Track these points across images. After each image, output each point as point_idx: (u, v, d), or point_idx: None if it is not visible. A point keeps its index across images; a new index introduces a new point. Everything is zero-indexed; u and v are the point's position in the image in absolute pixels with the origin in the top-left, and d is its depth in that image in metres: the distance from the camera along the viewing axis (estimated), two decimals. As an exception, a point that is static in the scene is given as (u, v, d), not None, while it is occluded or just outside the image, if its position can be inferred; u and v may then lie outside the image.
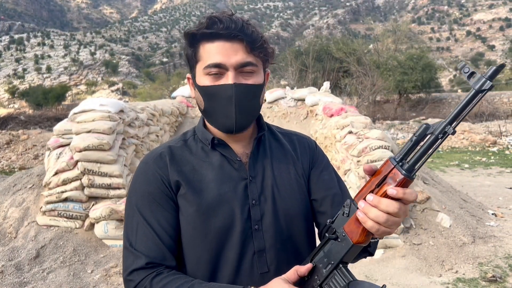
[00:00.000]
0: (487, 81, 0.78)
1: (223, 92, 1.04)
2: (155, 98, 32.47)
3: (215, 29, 1.02)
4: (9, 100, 79.69)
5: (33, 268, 4.35)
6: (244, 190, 1.09)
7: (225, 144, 1.13)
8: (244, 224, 1.07)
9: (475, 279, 4.15)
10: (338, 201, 1.16)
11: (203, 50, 1.06)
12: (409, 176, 0.82)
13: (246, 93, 1.06)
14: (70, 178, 4.91)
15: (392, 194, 0.82)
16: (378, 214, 0.82)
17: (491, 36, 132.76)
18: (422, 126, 0.82)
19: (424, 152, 0.82)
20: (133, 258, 1.03)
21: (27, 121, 19.06)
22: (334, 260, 0.90)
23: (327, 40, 36.09)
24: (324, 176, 1.21)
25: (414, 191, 0.83)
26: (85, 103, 5.79)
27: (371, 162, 5.43)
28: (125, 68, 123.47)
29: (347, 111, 7.35)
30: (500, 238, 5.11)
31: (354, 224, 0.87)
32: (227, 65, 1.04)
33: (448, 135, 0.80)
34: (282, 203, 1.12)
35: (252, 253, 1.07)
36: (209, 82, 1.06)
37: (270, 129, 1.24)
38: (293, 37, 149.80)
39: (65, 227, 4.88)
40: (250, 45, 1.04)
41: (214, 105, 1.07)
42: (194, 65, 1.09)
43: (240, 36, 1.03)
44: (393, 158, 0.85)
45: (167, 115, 8.41)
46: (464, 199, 6.30)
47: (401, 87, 29.07)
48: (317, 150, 1.27)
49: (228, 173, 1.11)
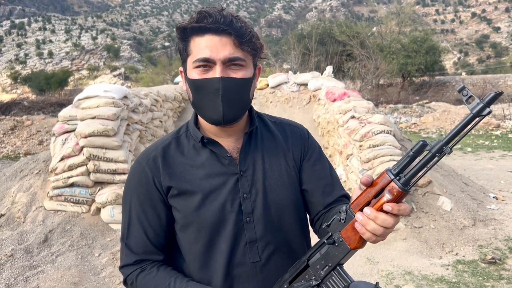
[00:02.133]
0: (485, 107, 0.80)
1: (210, 85, 1.06)
2: (157, 83, 32.44)
3: (204, 23, 1.04)
4: (11, 86, 79.75)
5: (42, 251, 4.46)
6: (234, 185, 1.13)
7: (214, 141, 1.16)
8: (235, 217, 1.11)
9: (474, 261, 4.23)
10: (329, 191, 1.22)
11: (193, 44, 1.08)
12: (406, 190, 0.86)
13: (233, 86, 1.08)
14: (76, 164, 4.98)
15: (388, 210, 0.86)
16: (375, 228, 0.88)
17: (496, 18, 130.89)
18: (419, 143, 0.85)
19: (420, 168, 0.86)
20: (125, 253, 1.16)
21: (31, 107, 19.08)
22: (332, 262, 0.95)
23: (330, 23, 35.72)
24: (316, 166, 1.24)
25: (408, 206, 0.88)
26: (89, 89, 5.83)
27: (374, 146, 5.47)
28: (126, 52, 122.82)
29: (350, 96, 7.35)
30: (500, 221, 5.18)
31: (351, 231, 0.92)
32: (214, 59, 1.05)
33: (444, 154, 0.84)
34: (273, 196, 1.16)
35: (244, 244, 1.12)
36: (198, 76, 1.08)
37: (262, 120, 1.26)
38: (296, 20, 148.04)
39: (72, 211, 4.97)
40: (238, 39, 1.06)
41: (201, 98, 1.09)
42: (186, 59, 1.12)
43: (229, 30, 1.05)
44: (390, 171, 0.88)
45: (170, 101, 8.45)
46: (465, 182, 6.35)
47: (404, 70, 28.88)
48: (310, 140, 1.29)
49: (219, 170, 1.14)
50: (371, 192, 0.90)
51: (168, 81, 31.14)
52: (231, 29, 1.05)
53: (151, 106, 7.04)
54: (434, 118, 17.44)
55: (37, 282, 3.89)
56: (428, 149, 0.85)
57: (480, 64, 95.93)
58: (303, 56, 25.98)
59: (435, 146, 0.84)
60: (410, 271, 4.08)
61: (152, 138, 6.57)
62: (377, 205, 0.88)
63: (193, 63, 1.08)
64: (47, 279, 3.94)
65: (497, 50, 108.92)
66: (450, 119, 17.19)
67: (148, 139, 6.38)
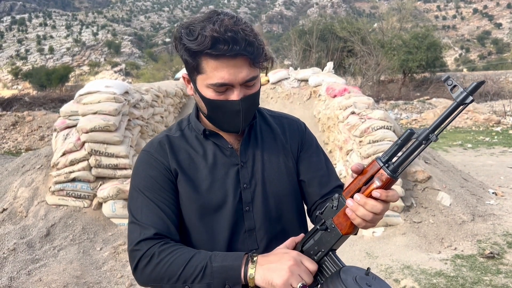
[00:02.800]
0: (468, 96, 0.84)
1: (230, 107, 1.10)
2: (158, 78, 32.41)
3: (219, 51, 1.01)
4: (12, 81, 79.78)
5: (44, 245, 4.50)
6: (236, 175, 1.18)
7: (216, 134, 1.20)
8: (235, 206, 1.16)
9: (473, 256, 4.26)
10: (325, 182, 1.26)
11: (207, 65, 1.05)
12: (394, 176, 0.90)
13: (250, 103, 1.13)
14: (78, 159, 5.02)
15: (376, 196, 0.90)
16: (365, 213, 0.91)
17: (498, 14, 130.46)
18: (407, 132, 0.89)
19: (408, 156, 0.90)
20: (140, 230, 1.08)
21: (32, 103, 19.13)
22: (325, 248, 0.98)
23: (331, 19, 35.69)
24: (313, 158, 1.29)
25: (396, 193, 0.92)
26: (90, 85, 5.85)
27: (373, 142, 5.49)
28: (127, 48, 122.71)
29: (350, 92, 7.37)
30: (499, 216, 5.21)
31: (343, 217, 0.95)
32: (233, 83, 1.06)
33: (430, 141, 0.87)
34: (272, 186, 1.20)
35: (243, 232, 1.17)
36: (215, 96, 1.09)
37: (261, 114, 1.31)
38: (297, 16, 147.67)
39: (74, 206, 5.01)
40: (253, 60, 1.07)
41: (220, 116, 1.13)
42: (195, 74, 1.10)
43: (245, 54, 1.04)
44: (379, 159, 0.92)
45: (171, 96, 8.47)
46: (465, 178, 6.37)
47: (405, 66, 28.83)
48: (307, 133, 1.34)
49: (221, 160, 1.19)
50: (361, 179, 0.94)
51: (169, 77, 31.13)
52: (247, 54, 1.04)
53: (152, 102, 7.07)
54: (435, 114, 17.44)
55: (39, 276, 3.93)
56: (415, 137, 0.88)
57: (481, 60, 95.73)
58: (304, 52, 25.98)
59: (422, 134, 0.87)
60: (409, 265, 4.12)
61: (153, 134, 6.60)
62: (367, 191, 0.92)
63: (208, 83, 1.07)
64: (49, 272, 3.99)
65: (499, 46, 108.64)
66: (451, 115, 17.18)
67: (149, 135, 6.41)
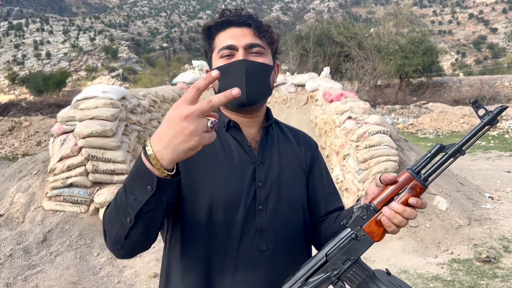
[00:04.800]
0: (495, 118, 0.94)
1: (234, 68, 1.15)
2: (155, 83, 32.41)
3: (226, 17, 1.17)
4: (9, 87, 79.58)
5: (41, 251, 4.49)
6: (252, 173, 1.17)
7: (238, 128, 1.22)
8: (249, 203, 1.14)
9: (469, 260, 4.28)
10: (330, 200, 1.31)
11: (218, 39, 1.19)
12: (426, 185, 0.98)
13: (255, 69, 1.16)
14: (75, 164, 5.02)
15: (413, 203, 0.95)
16: (401, 220, 0.95)
17: (493, 19, 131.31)
18: (437, 146, 0.97)
19: (438, 167, 0.98)
20: None
21: (29, 108, 19.08)
22: (354, 256, 1.01)
23: (328, 24, 35.79)
24: (323, 175, 1.34)
25: (425, 200, 0.98)
26: (87, 90, 5.86)
27: (370, 147, 5.51)
28: (124, 53, 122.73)
29: (347, 97, 7.40)
30: (495, 220, 5.23)
31: (375, 226, 0.99)
32: (237, 45, 1.16)
33: (459, 156, 0.96)
34: (286, 189, 1.20)
35: (254, 231, 1.14)
36: (222, 63, 1.17)
37: (277, 123, 1.35)
38: (294, 21, 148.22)
39: (71, 211, 5.00)
40: (257, 30, 1.17)
41: (226, 82, 1.15)
42: (211, 55, 1.21)
43: (248, 22, 1.17)
44: (411, 170, 0.98)
45: (168, 102, 8.48)
46: (461, 182, 6.40)
47: (402, 71, 28.93)
48: (318, 152, 1.39)
49: (239, 156, 1.18)
50: (393, 189, 0.98)
51: (166, 82, 31.12)
52: (251, 21, 1.17)
53: (149, 107, 7.08)
54: (431, 119, 17.52)
55: (36, 282, 3.92)
56: (444, 151, 0.97)
57: (477, 65, 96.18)
58: (301, 57, 26.04)
59: (451, 148, 0.96)
60: (405, 269, 4.13)
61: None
62: (403, 200, 0.97)
63: (217, 53, 1.18)
64: (46, 278, 3.97)
65: (494, 51, 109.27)
66: (447, 119, 17.27)
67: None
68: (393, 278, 1.01)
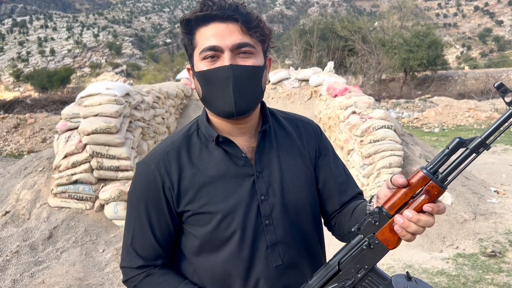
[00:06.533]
0: None
1: (219, 75, 0.99)
2: (159, 79, 32.43)
3: (208, 11, 0.99)
4: (14, 84, 79.97)
5: (47, 248, 4.52)
6: (251, 187, 1.07)
7: (229, 141, 1.09)
8: (254, 221, 1.06)
9: (474, 255, 4.26)
10: (344, 189, 1.19)
11: (199, 36, 1.02)
12: (444, 187, 0.86)
13: (244, 75, 1.01)
14: (79, 161, 5.03)
15: (428, 211, 0.85)
16: (417, 229, 0.87)
17: (499, 11, 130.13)
18: (456, 140, 0.84)
19: (458, 165, 0.85)
20: (127, 255, 1.10)
21: (33, 105, 19.15)
22: (368, 265, 0.94)
23: (332, 18, 35.63)
24: (331, 165, 1.21)
25: (444, 205, 0.88)
26: (91, 87, 5.87)
27: (374, 141, 5.49)
28: (128, 49, 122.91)
29: (351, 91, 7.37)
30: (500, 214, 5.21)
31: (388, 233, 0.90)
32: (222, 46, 0.99)
33: (483, 150, 0.82)
34: (290, 196, 1.11)
35: (265, 248, 1.07)
36: (206, 67, 1.01)
37: (274, 116, 1.20)
38: (298, 15, 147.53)
39: (76, 208, 5.03)
40: (245, 25, 1.00)
41: (211, 90, 1.02)
42: (192, 53, 1.06)
43: (235, 16, 0.99)
44: (426, 169, 0.87)
45: (172, 98, 8.47)
46: (466, 177, 6.37)
47: (406, 65, 28.81)
48: (323, 138, 1.26)
49: (233, 171, 1.08)
50: (408, 193, 0.88)
51: (170, 78, 31.15)
52: (238, 15, 0.99)
53: (153, 103, 7.08)
54: (436, 113, 17.42)
55: (42, 278, 3.95)
56: (465, 145, 0.84)
57: (483, 58, 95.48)
58: (305, 51, 25.98)
59: (473, 142, 0.83)
60: (410, 264, 4.12)
61: (154, 135, 6.62)
62: (417, 206, 0.87)
63: (199, 54, 1.02)
64: (52, 274, 4.00)
65: (500, 44, 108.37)
66: (452, 113, 17.17)
67: (150, 136, 6.43)
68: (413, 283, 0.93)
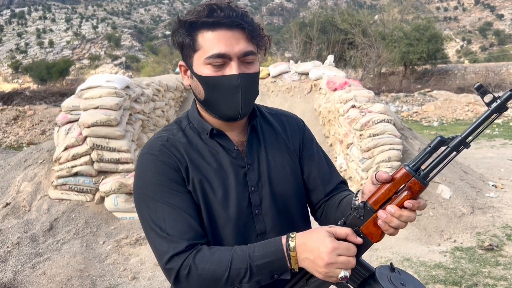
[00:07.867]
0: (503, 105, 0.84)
1: (228, 83, 1.05)
2: (158, 72, 32.39)
3: (216, 18, 1.02)
4: (12, 75, 79.68)
5: (48, 239, 4.55)
6: (243, 178, 1.14)
7: (222, 133, 1.15)
8: (245, 210, 1.13)
9: (472, 248, 4.30)
10: (328, 179, 1.26)
11: (203, 39, 1.04)
12: (425, 183, 0.91)
13: (249, 82, 1.08)
14: (80, 153, 5.05)
15: (409, 207, 0.91)
16: (399, 224, 0.92)
17: (500, 5, 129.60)
18: (437, 139, 0.88)
19: (439, 163, 0.90)
20: (169, 243, 1.03)
21: (32, 97, 19.09)
22: None
23: (332, 11, 35.52)
24: (314, 156, 1.28)
25: (425, 202, 0.94)
26: (91, 80, 5.86)
27: (374, 135, 5.51)
28: (127, 41, 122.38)
29: (351, 85, 7.37)
30: (498, 208, 5.25)
31: (373, 227, 0.96)
32: (230, 54, 1.03)
33: (463, 149, 0.87)
34: (278, 187, 1.18)
35: (255, 236, 1.14)
36: (212, 72, 1.05)
37: (260, 111, 1.26)
38: (298, 8, 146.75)
39: (76, 200, 5.06)
40: (250, 34, 1.05)
41: (217, 95, 1.07)
42: (191, 53, 1.07)
43: (242, 25, 1.03)
44: (409, 167, 0.91)
45: (172, 90, 8.48)
46: (465, 171, 6.40)
47: (406, 58, 28.76)
48: (306, 130, 1.32)
49: (227, 162, 1.14)
50: (391, 189, 0.93)
51: (169, 70, 31.10)
52: (244, 23, 1.04)
53: (153, 96, 7.08)
54: (436, 107, 17.44)
55: (43, 269, 3.98)
56: (446, 144, 0.88)
57: (483, 52, 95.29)
58: (305, 44, 25.91)
59: (454, 141, 0.87)
60: (408, 257, 4.16)
61: (154, 128, 6.63)
62: (399, 202, 0.92)
63: (205, 59, 1.04)
64: (53, 266, 4.03)
65: (500, 37, 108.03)
66: (452, 107, 17.18)
67: (150, 129, 6.44)
68: (396, 274, 0.98)
